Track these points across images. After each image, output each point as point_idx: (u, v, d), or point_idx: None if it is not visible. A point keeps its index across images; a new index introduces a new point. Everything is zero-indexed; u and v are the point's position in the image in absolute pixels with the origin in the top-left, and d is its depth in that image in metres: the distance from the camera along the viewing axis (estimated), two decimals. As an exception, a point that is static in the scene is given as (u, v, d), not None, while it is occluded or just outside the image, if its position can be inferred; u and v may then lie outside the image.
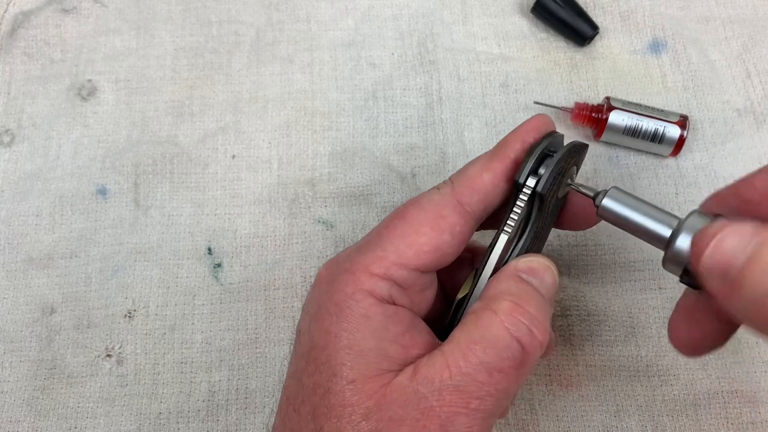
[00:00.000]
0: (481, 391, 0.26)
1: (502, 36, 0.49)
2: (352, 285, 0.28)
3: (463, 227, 0.29)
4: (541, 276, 0.29)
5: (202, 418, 0.40)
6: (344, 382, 0.26)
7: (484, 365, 0.26)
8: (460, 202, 0.29)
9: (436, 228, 0.29)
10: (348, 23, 0.50)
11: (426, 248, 0.28)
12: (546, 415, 0.39)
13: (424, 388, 0.26)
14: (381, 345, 0.27)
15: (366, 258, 0.28)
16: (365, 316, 0.27)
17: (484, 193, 0.30)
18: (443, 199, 0.30)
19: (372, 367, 0.27)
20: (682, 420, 0.39)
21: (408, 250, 0.28)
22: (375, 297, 0.28)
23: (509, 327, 0.26)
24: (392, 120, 0.47)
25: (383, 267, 0.28)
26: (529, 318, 0.27)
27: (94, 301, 0.42)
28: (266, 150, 0.46)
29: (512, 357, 0.26)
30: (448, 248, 0.29)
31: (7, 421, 0.39)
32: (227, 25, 0.49)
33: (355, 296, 0.28)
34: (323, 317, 0.28)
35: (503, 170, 0.30)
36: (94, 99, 0.47)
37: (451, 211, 0.29)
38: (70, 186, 0.45)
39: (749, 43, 0.48)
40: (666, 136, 0.43)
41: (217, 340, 0.41)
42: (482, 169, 0.30)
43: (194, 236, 0.44)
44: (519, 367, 0.26)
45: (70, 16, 0.50)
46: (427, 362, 0.27)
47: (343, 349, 0.27)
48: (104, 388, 0.40)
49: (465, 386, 0.26)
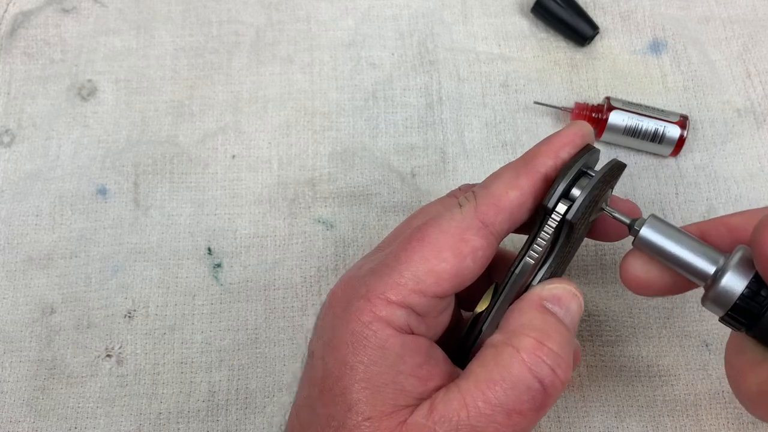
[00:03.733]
0: (498, 431, 0.25)
1: (502, 36, 0.49)
2: (368, 313, 0.26)
3: (486, 251, 0.27)
4: (566, 305, 0.27)
5: (202, 418, 0.40)
6: (360, 418, 0.26)
7: (503, 407, 0.25)
8: (483, 223, 0.27)
9: (458, 254, 0.27)
10: (348, 23, 0.50)
11: (446, 276, 0.27)
12: (547, 416, 0.39)
13: (441, 428, 0.25)
14: (398, 379, 0.26)
15: (383, 284, 0.27)
16: (382, 347, 0.26)
17: (510, 213, 0.28)
18: (465, 220, 0.27)
19: (388, 403, 0.26)
20: (683, 420, 0.39)
21: (428, 277, 0.27)
22: (393, 327, 0.26)
23: (532, 367, 0.25)
24: (392, 120, 0.47)
25: (401, 295, 0.26)
26: (553, 357, 0.26)
27: (94, 301, 0.42)
28: (266, 150, 0.46)
29: (533, 399, 0.25)
30: (469, 273, 0.27)
31: (7, 421, 0.39)
32: (227, 25, 0.49)
33: (372, 326, 0.26)
34: (339, 346, 0.27)
35: (532, 188, 0.28)
36: (94, 99, 0.47)
37: (474, 234, 0.27)
38: (70, 186, 0.45)
39: (749, 43, 0.48)
40: (666, 136, 0.43)
41: (217, 340, 0.41)
42: (509, 186, 0.28)
43: (194, 236, 0.44)
44: (539, 409, 0.26)
45: (70, 16, 0.50)
46: (444, 399, 0.26)
47: (360, 382, 0.26)
48: (104, 389, 0.40)
49: (483, 427, 0.25)
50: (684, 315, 0.41)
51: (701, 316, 0.41)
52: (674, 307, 0.41)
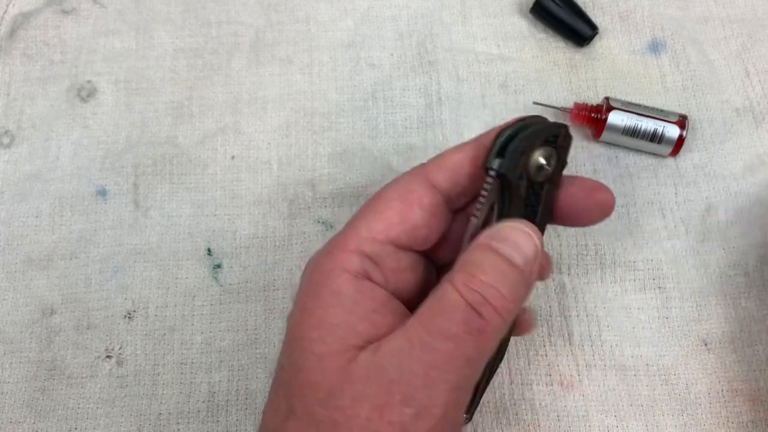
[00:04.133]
0: (439, 359, 0.25)
1: (501, 36, 0.49)
2: (329, 263, 0.29)
3: (432, 200, 0.30)
4: (514, 241, 0.28)
5: (202, 418, 0.40)
6: (313, 358, 0.27)
7: (440, 332, 0.26)
8: (428, 179, 0.30)
9: (405, 200, 0.30)
10: (347, 24, 0.50)
11: (395, 220, 0.29)
12: (547, 416, 0.39)
13: (385, 361, 0.26)
14: (350, 320, 0.27)
15: (342, 237, 0.29)
16: (337, 292, 0.28)
17: (452, 171, 0.30)
18: (412, 176, 0.31)
19: (339, 341, 0.27)
20: (682, 419, 0.39)
21: (378, 224, 0.29)
22: (349, 272, 0.28)
23: (463, 294, 0.26)
24: (391, 120, 0.47)
25: (356, 243, 0.29)
26: (484, 287, 0.26)
27: (93, 302, 0.42)
28: (266, 151, 0.46)
29: (467, 322, 0.26)
30: (419, 221, 0.30)
31: (7, 422, 0.39)
32: (226, 26, 0.49)
33: (331, 273, 0.28)
34: (301, 297, 0.29)
35: (473, 152, 0.30)
36: (93, 100, 0.47)
37: (419, 186, 0.30)
38: (69, 187, 0.45)
39: (748, 43, 0.48)
40: (665, 135, 0.43)
41: (217, 341, 0.41)
42: (454, 151, 0.31)
43: (194, 237, 0.44)
44: (477, 335, 0.26)
45: (69, 18, 0.50)
46: (390, 337, 0.27)
47: (314, 324, 0.27)
48: (104, 389, 0.40)
49: (422, 355, 0.25)
50: (684, 315, 0.41)
51: (701, 316, 0.41)
52: (674, 307, 0.41)
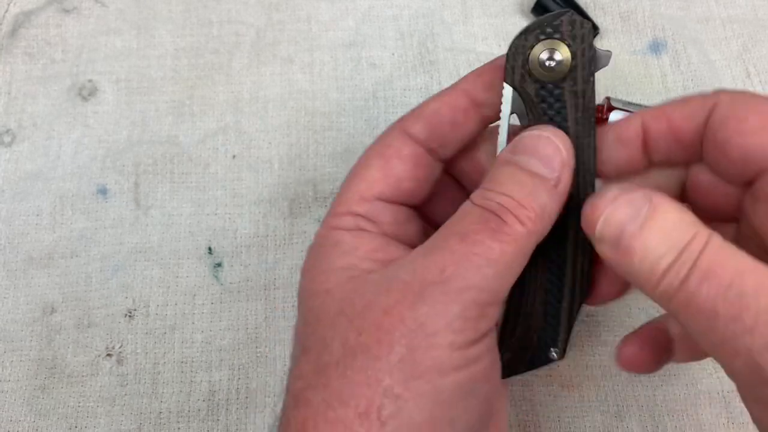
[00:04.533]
0: (455, 257, 0.24)
1: (502, 36, 0.49)
2: (325, 228, 0.30)
3: (411, 151, 0.30)
4: (531, 150, 0.27)
5: (202, 417, 0.40)
6: (322, 291, 0.27)
7: (455, 233, 0.25)
8: (404, 131, 0.30)
9: (383, 156, 0.30)
10: (348, 23, 0.50)
11: (377, 176, 0.29)
12: (547, 416, 0.39)
13: (396, 269, 0.26)
14: (352, 262, 0.28)
15: (335, 204, 0.30)
16: (335, 244, 0.28)
17: (428, 119, 0.30)
18: (389, 130, 0.31)
19: (344, 275, 0.27)
20: (682, 420, 0.39)
21: (361, 184, 0.30)
22: (344, 229, 0.29)
23: (477, 202, 0.26)
24: (392, 120, 0.46)
25: (345, 206, 0.29)
26: (500, 197, 0.25)
27: (94, 300, 0.42)
28: (267, 150, 0.46)
29: (483, 221, 0.25)
30: (401, 173, 0.30)
31: (8, 420, 0.39)
32: (227, 26, 0.49)
33: (328, 234, 0.29)
34: (305, 264, 0.30)
35: (450, 99, 0.30)
36: (94, 99, 0.47)
37: (395, 139, 0.30)
38: (70, 186, 0.45)
39: (749, 43, 0.48)
40: (666, 136, 0.43)
41: (218, 340, 0.41)
42: (430, 99, 0.31)
43: (194, 236, 0.44)
44: (494, 234, 0.25)
45: (70, 16, 0.50)
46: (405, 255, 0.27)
47: (318, 275, 0.28)
48: (104, 388, 0.40)
49: (437, 256, 0.25)
50: (684, 315, 0.41)
51: (701, 316, 0.41)
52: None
